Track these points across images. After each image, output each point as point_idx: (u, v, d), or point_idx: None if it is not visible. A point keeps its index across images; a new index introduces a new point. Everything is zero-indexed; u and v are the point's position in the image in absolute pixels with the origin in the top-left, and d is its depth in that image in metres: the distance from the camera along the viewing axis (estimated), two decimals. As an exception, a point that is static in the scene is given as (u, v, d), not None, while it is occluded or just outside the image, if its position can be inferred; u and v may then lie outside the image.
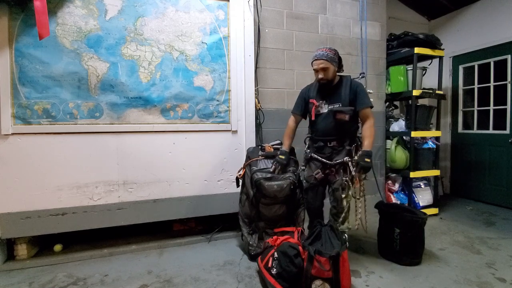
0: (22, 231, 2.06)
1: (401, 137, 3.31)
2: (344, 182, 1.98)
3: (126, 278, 1.91)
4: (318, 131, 2.09)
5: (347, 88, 1.98)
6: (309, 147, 2.20)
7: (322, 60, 1.93)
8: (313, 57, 1.99)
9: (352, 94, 1.98)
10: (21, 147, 2.03)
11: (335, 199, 2.03)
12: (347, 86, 1.99)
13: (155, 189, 2.34)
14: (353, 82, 2.02)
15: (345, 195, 1.99)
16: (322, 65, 1.93)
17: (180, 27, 2.34)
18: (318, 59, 1.95)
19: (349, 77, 2.06)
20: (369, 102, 1.99)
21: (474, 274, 1.94)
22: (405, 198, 3.30)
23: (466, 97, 3.92)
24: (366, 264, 2.09)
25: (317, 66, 1.95)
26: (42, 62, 2.04)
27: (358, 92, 1.98)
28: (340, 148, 2.04)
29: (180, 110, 2.38)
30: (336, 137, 2.03)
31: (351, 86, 1.99)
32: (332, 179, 2.05)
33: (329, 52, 1.95)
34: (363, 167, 1.88)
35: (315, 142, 2.13)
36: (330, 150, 2.05)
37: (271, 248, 1.88)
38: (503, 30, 3.38)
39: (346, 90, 1.98)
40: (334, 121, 1.98)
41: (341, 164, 2.00)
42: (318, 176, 2.08)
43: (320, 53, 1.96)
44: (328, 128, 2.03)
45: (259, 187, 2.06)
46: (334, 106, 2.00)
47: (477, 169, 3.75)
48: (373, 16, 3.27)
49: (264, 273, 1.78)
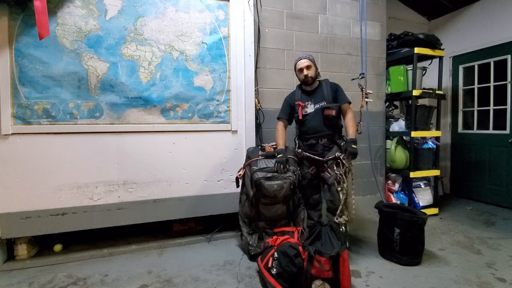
0: (22, 231, 2.06)
1: (401, 137, 3.31)
2: (339, 176, 2.11)
3: (126, 278, 1.91)
4: (308, 130, 2.24)
5: (328, 88, 2.22)
6: (299, 146, 2.31)
7: (306, 59, 2.19)
8: (297, 60, 2.24)
9: (333, 93, 2.22)
10: (21, 147, 2.04)
11: (332, 194, 2.17)
12: (327, 86, 2.23)
13: (155, 189, 2.34)
14: (331, 83, 2.26)
15: (340, 188, 2.11)
16: (307, 63, 2.18)
17: (180, 27, 2.34)
18: (303, 59, 2.20)
19: (326, 80, 2.30)
20: (348, 99, 2.23)
21: (474, 274, 1.94)
22: (405, 198, 3.30)
23: (466, 97, 3.92)
24: (366, 264, 2.09)
25: (303, 65, 2.18)
26: (42, 62, 2.04)
27: (338, 90, 2.24)
28: (331, 145, 2.22)
29: (180, 110, 2.38)
30: (326, 133, 2.20)
31: (330, 86, 2.24)
32: (326, 176, 2.18)
33: (310, 56, 2.24)
34: (351, 153, 2.06)
35: (306, 140, 2.27)
36: (321, 148, 2.21)
37: (271, 248, 1.88)
38: (503, 30, 3.38)
39: (327, 90, 2.21)
40: (322, 117, 2.17)
41: (334, 159, 2.16)
42: (313, 171, 2.27)
43: (302, 55, 2.24)
44: (318, 125, 2.20)
45: (259, 187, 2.06)
46: (320, 104, 2.20)
47: (477, 169, 3.75)
48: (373, 16, 3.27)
49: (264, 273, 1.78)
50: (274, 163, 2.13)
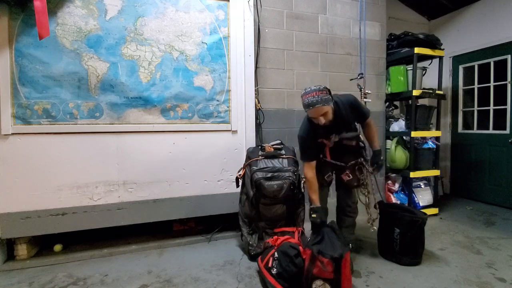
0: (22, 231, 2.06)
1: (401, 137, 3.31)
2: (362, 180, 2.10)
3: (126, 278, 1.91)
4: (332, 155, 2.12)
5: (347, 109, 1.93)
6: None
7: (318, 106, 1.75)
8: (306, 105, 1.79)
9: (351, 112, 1.94)
10: (21, 147, 2.03)
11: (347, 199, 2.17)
12: (344, 108, 1.92)
13: (155, 189, 2.34)
14: (344, 101, 1.93)
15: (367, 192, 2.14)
16: (321, 111, 1.77)
17: (180, 27, 2.34)
18: (313, 107, 1.76)
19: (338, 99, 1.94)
20: (367, 112, 2.03)
21: (474, 274, 1.94)
22: (405, 198, 3.30)
23: (466, 97, 3.92)
24: (366, 264, 2.09)
25: (317, 115, 1.79)
26: (42, 62, 2.04)
27: (355, 108, 1.96)
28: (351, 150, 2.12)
29: (180, 110, 2.38)
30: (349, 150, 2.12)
31: (345, 106, 1.92)
32: (345, 178, 2.13)
33: (320, 94, 1.75)
34: (379, 166, 2.10)
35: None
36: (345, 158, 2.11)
37: (271, 248, 1.88)
38: (503, 30, 3.38)
39: (346, 112, 1.92)
40: (342, 145, 2.08)
41: (355, 164, 2.10)
42: (330, 179, 2.17)
43: (311, 100, 1.76)
44: (338, 151, 2.10)
45: (259, 187, 2.06)
46: (342, 135, 2.01)
47: (477, 169, 3.75)
48: (373, 16, 3.27)
49: (264, 273, 1.78)
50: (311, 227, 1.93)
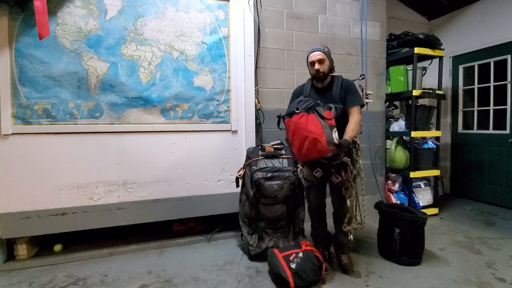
0: (22, 231, 2.06)
1: (401, 137, 3.31)
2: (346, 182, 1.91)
3: (126, 278, 1.91)
4: None
5: (338, 87, 1.99)
6: None
7: (319, 52, 1.96)
8: (310, 51, 2.02)
9: (343, 92, 1.97)
10: (21, 147, 2.03)
11: (339, 201, 2.00)
12: (338, 84, 2.00)
13: (155, 189, 2.34)
14: (344, 81, 2.02)
15: (348, 195, 1.93)
16: (319, 56, 1.95)
17: (180, 27, 2.34)
18: (315, 51, 1.98)
19: (340, 77, 2.05)
20: (359, 101, 1.97)
21: (474, 274, 1.94)
22: (405, 198, 3.30)
23: (466, 97, 3.92)
24: (366, 264, 2.09)
25: (315, 58, 1.95)
26: (42, 62, 2.04)
27: (348, 90, 1.97)
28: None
29: (180, 110, 2.38)
30: None
31: (342, 84, 1.99)
32: (334, 180, 1.99)
33: (325, 48, 2.01)
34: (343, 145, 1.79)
35: None
36: None
37: (297, 247, 1.92)
38: (503, 30, 3.38)
39: (337, 89, 1.98)
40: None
41: (341, 164, 1.94)
42: (318, 174, 2.02)
43: (316, 47, 2.01)
44: None
45: (259, 187, 2.06)
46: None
47: (477, 169, 3.75)
48: (373, 16, 3.27)
49: (280, 261, 1.80)
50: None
